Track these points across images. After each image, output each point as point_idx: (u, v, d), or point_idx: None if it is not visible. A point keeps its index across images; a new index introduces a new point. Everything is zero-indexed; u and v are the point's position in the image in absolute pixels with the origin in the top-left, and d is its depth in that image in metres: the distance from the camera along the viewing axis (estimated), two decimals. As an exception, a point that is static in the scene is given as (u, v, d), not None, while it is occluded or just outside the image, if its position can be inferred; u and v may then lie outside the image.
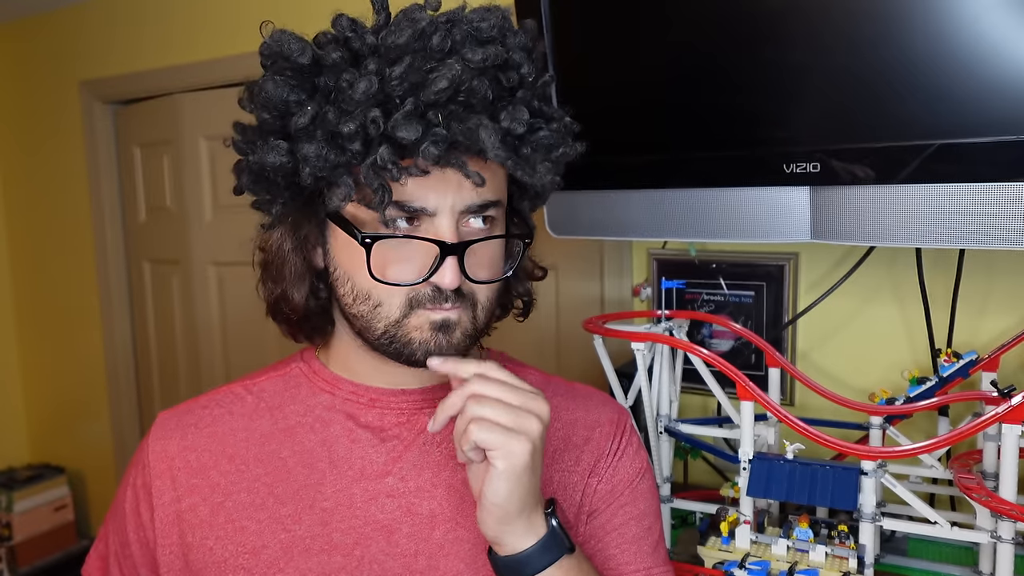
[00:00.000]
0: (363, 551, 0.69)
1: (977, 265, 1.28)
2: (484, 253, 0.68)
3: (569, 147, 0.69)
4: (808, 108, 1.04)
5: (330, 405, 0.75)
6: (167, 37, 2.30)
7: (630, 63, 1.17)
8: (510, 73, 0.65)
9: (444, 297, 0.66)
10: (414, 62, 0.62)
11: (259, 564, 0.69)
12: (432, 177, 0.63)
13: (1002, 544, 0.93)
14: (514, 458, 0.61)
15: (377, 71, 0.62)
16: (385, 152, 0.61)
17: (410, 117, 0.61)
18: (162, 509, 0.72)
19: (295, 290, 0.72)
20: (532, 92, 0.67)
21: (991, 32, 0.90)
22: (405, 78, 0.61)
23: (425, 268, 0.65)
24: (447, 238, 0.64)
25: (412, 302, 0.66)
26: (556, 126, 0.68)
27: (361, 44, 0.64)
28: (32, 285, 2.86)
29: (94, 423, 2.71)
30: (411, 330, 0.67)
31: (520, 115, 0.64)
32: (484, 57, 0.62)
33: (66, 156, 2.64)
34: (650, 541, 0.78)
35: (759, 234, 1.13)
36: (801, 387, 1.44)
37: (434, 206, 0.64)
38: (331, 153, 0.63)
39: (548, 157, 0.67)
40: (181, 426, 0.75)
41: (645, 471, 0.81)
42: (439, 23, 0.64)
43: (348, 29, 0.65)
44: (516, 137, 0.65)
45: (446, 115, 0.62)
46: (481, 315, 0.70)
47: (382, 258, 0.66)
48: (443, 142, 0.61)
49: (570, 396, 0.82)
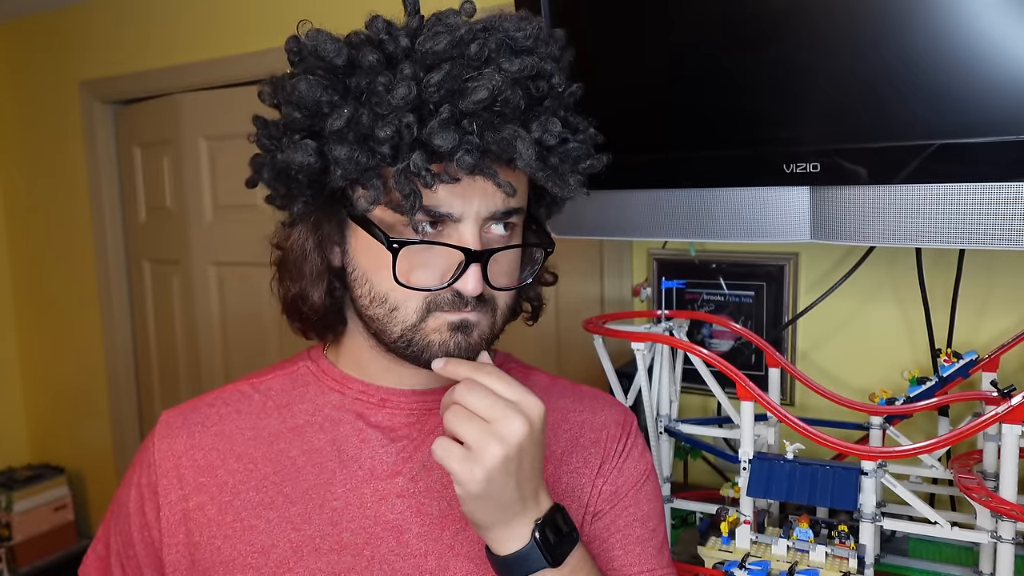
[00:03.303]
0: (373, 551, 0.69)
1: (977, 265, 1.28)
2: (505, 260, 0.69)
3: (596, 159, 0.69)
4: (808, 108, 1.04)
5: (339, 404, 0.74)
6: (168, 37, 2.30)
7: (631, 63, 1.17)
8: (540, 83, 0.65)
9: (464, 302, 0.66)
10: (452, 70, 0.61)
11: (268, 563, 0.69)
12: (461, 184, 0.63)
13: (1002, 544, 0.93)
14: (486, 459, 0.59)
15: (414, 76, 0.62)
16: (418, 158, 0.61)
17: (446, 125, 0.60)
18: (168, 508, 0.72)
19: (314, 289, 0.71)
20: (560, 102, 0.68)
21: (991, 32, 0.90)
22: (443, 85, 0.61)
23: (447, 273, 0.65)
24: (471, 245, 0.64)
25: (430, 306, 0.66)
26: (583, 137, 0.69)
27: (395, 47, 0.63)
28: (32, 285, 2.86)
29: (94, 423, 2.71)
30: (429, 332, 0.67)
31: (552, 127, 0.64)
32: (520, 68, 0.62)
33: (66, 156, 2.64)
34: (655, 543, 0.78)
35: (759, 234, 1.13)
36: (801, 387, 1.44)
37: (460, 212, 0.64)
38: (362, 156, 0.62)
39: (576, 169, 0.67)
40: (187, 425, 0.75)
41: (650, 473, 0.81)
42: (476, 31, 0.63)
43: (384, 31, 0.64)
44: (547, 148, 0.65)
45: (480, 124, 0.62)
46: (499, 320, 0.70)
47: (406, 262, 0.65)
48: (477, 151, 0.61)
49: (577, 398, 0.82)
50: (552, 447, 0.77)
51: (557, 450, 0.77)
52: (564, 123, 0.67)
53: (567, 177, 0.66)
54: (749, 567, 0.97)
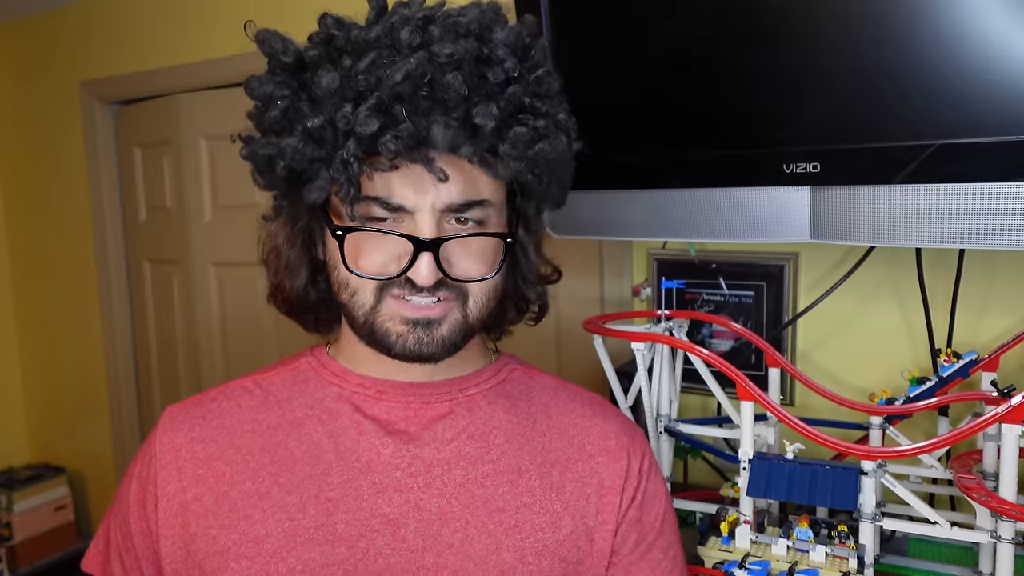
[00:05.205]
0: (368, 543, 0.69)
1: (977, 265, 1.28)
2: (472, 249, 0.68)
3: (553, 144, 0.67)
4: (808, 107, 1.04)
5: (338, 397, 0.75)
6: (168, 37, 2.30)
7: (631, 63, 1.17)
8: (495, 68, 0.65)
9: (418, 289, 0.66)
10: (379, 56, 0.62)
11: (261, 553, 0.68)
12: (413, 174, 0.64)
13: (1002, 544, 0.93)
14: None
15: (348, 66, 0.63)
16: (352, 146, 0.62)
17: (372, 111, 0.61)
18: (166, 500, 0.72)
19: (288, 281, 0.74)
20: (525, 88, 0.67)
21: (992, 32, 0.90)
22: (370, 72, 0.62)
23: (401, 259, 0.66)
24: (424, 235, 0.64)
25: (382, 288, 0.67)
26: (544, 123, 0.67)
27: (345, 41, 0.65)
28: (32, 285, 2.86)
29: (94, 423, 2.71)
30: (385, 320, 0.68)
31: (488, 110, 0.63)
32: (453, 52, 0.62)
33: (66, 156, 2.63)
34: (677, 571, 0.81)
35: (759, 234, 1.12)
36: (801, 387, 1.44)
37: (413, 203, 0.65)
38: (308, 147, 0.63)
39: (523, 154, 0.65)
40: (189, 418, 0.75)
41: (666, 506, 0.82)
42: (414, 18, 0.64)
43: (333, 27, 0.66)
44: (491, 132, 0.64)
45: (411, 109, 0.62)
46: (474, 308, 0.70)
47: (356, 249, 0.67)
48: (407, 137, 0.61)
49: (586, 403, 0.82)
50: (558, 452, 0.77)
51: (563, 456, 0.77)
52: (528, 109, 0.66)
53: (510, 161, 0.65)
54: (749, 567, 0.97)
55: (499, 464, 0.74)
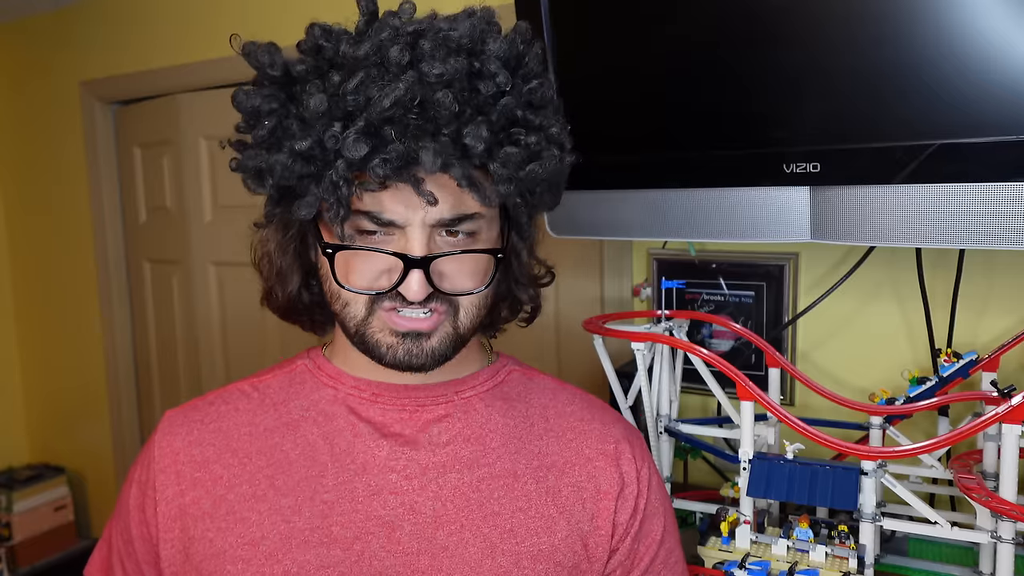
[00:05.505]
0: (363, 546, 0.69)
1: (977, 265, 1.28)
2: (464, 263, 0.68)
3: (544, 164, 0.66)
4: (808, 108, 1.04)
5: (333, 399, 0.75)
6: (168, 37, 2.30)
7: (631, 63, 1.17)
8: (487, 82, 0.64)
9: (408, 303, 0.66)
10: (367, 77, 0.61)
11: (257, 555, 0.68)
12: (402, 190, 0.63)
13: (1002, 544, 0.93)
14: None
15: (335, 85, 0.62)
16: (341, 167, 0.61)
17: (360, 135, 0.60)
18: (165, 504, 0.72)
19: (280, 288, 0.75)
20: (517, 99, 0.65)
21: (992, 32, 0.90)
22: (359, 93, 0.61)
23: (391, 274, 0.66)
24: (415, 251, 0.64)
25: (374, 301, 0.68)
26: (535, 138, 0.66)
27: (334, 53, 0.64)
28: (32, 285, 2.86)
29: (94, 423, 2.71)
30: (376, 331, 0.68)
31: (478, 131, 0.62)
32: (442, 72, 0.61)
33: (66, 156, 2.63)
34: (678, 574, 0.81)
35: (759, 234, 1.12)
36: (801, 387, 1.44)
37: (403, 219, 0.65)
38: (297, 164, 0.63)
39: (514, 175, 0.64)
40: (187, 422, 0.76)
41: (667, 515, 0.82)
42: (404, 34, 0.62)
43: (321, 38, 0.65)
44: (482, 153, 0.63)
45: (400, 131, 0.61)
46: (465, 319, 0.70)
47: (346, 265, 0.67)
48: (396, 159, 0.61)
49: (585, 406, 0.82)
50: (554, 456, 0.77)
51: (559, 460, 0.76)
52: (520, 122, 0.66)
53: (500, 185, 0.64)
54: (749, 567, 0.97)
55: (495, 468, 0.74)
